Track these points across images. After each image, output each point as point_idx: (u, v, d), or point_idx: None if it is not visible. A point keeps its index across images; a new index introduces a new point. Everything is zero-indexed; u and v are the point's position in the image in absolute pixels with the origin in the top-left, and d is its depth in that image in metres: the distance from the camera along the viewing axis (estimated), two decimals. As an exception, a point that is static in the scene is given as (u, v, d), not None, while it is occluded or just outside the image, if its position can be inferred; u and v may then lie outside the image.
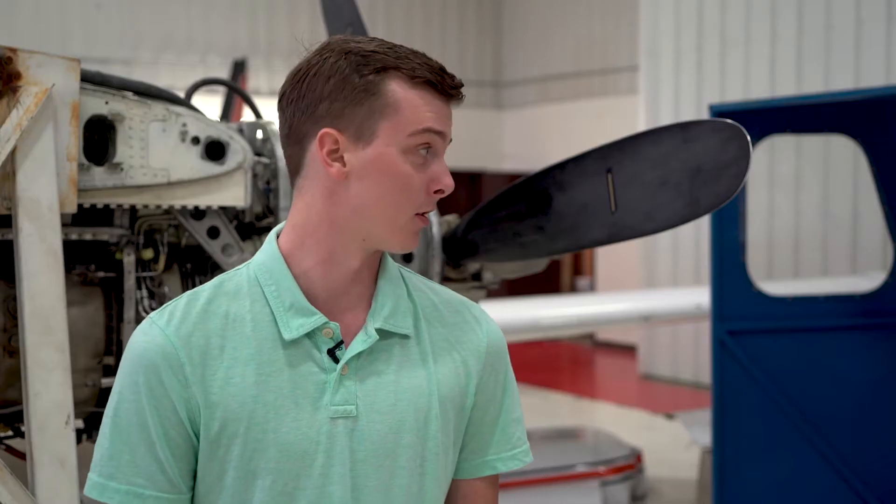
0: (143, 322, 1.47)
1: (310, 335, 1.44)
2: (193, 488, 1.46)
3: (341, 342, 1.45)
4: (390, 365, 1.47)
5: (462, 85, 1.45)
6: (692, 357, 10.30)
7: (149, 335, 1.43)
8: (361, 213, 1.43)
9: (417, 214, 1.44)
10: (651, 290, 9.83)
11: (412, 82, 1.41)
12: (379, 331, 1.47)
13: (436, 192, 1.44)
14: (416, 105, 1.40)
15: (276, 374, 1.43)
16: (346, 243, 1.45)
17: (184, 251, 3.06)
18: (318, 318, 1.44)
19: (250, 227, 3.14)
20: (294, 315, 1.44)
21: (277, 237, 1.51)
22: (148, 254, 2.92)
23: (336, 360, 1.44)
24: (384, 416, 1.45)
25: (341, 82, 1.41)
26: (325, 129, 1.42)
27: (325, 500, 1.42)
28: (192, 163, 2.84)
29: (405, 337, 1.49)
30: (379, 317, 1.47)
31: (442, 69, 1.43)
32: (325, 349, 1.44)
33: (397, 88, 1.40)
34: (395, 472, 1.45)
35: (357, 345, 1.45)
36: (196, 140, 2.84)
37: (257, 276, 1.48)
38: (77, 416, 2.86)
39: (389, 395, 1.46)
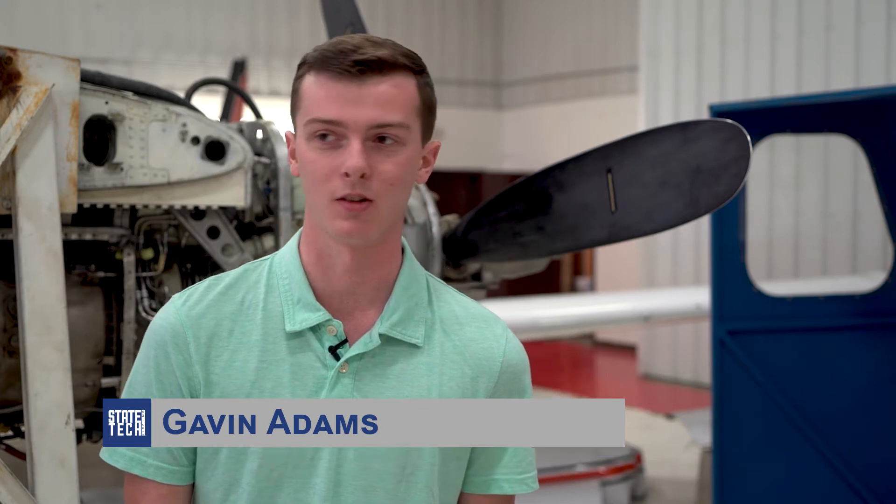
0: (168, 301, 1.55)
1: (315, 331, 1.47)
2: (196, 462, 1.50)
3: (345, 341, 1.48)
4: (393, 371, 1.48)
5: (375, 58, 1.40)
6: (692, 357, 10.29)
7: (165, 313, 1.51)
8: (306, 201, 1.49)
9: (339, 200, 1.41)
10: (651, 290, 9.81)
11: (312, 73, 1.44)
12: (384, 336, 1.48)
13: (345, 174, 1.40)
14: (310, 95, 1.44)
15: (277, 363, 1.46)
16: (325, 237, 1.48)
17: (184, 251, 3.06)
18: (322, 315, 1.47)
19: (250, 227, 3.14)
20: (300, 309, 1.48)
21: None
22: (148, 254, 2.92)
23: (337, 358, 1.46)
24: None
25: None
26: (287, 131, 1.54)
27: (307, 491, 1.45)
28: (192, 163, 2.84)
29: (414, 346, 1.50)
30: (386, 323, 1.49)
31: (342, 51, 1.40)
32: (327, 345, 1.47)
33: (305, 81, 1.45)
34: (382, 476, 1.46)
35: (357, 346, 1.47)
36: (196, 140, 2.84)
37: (277, 268, 1.53)
38: (77, 416, 2.86)
39: None
